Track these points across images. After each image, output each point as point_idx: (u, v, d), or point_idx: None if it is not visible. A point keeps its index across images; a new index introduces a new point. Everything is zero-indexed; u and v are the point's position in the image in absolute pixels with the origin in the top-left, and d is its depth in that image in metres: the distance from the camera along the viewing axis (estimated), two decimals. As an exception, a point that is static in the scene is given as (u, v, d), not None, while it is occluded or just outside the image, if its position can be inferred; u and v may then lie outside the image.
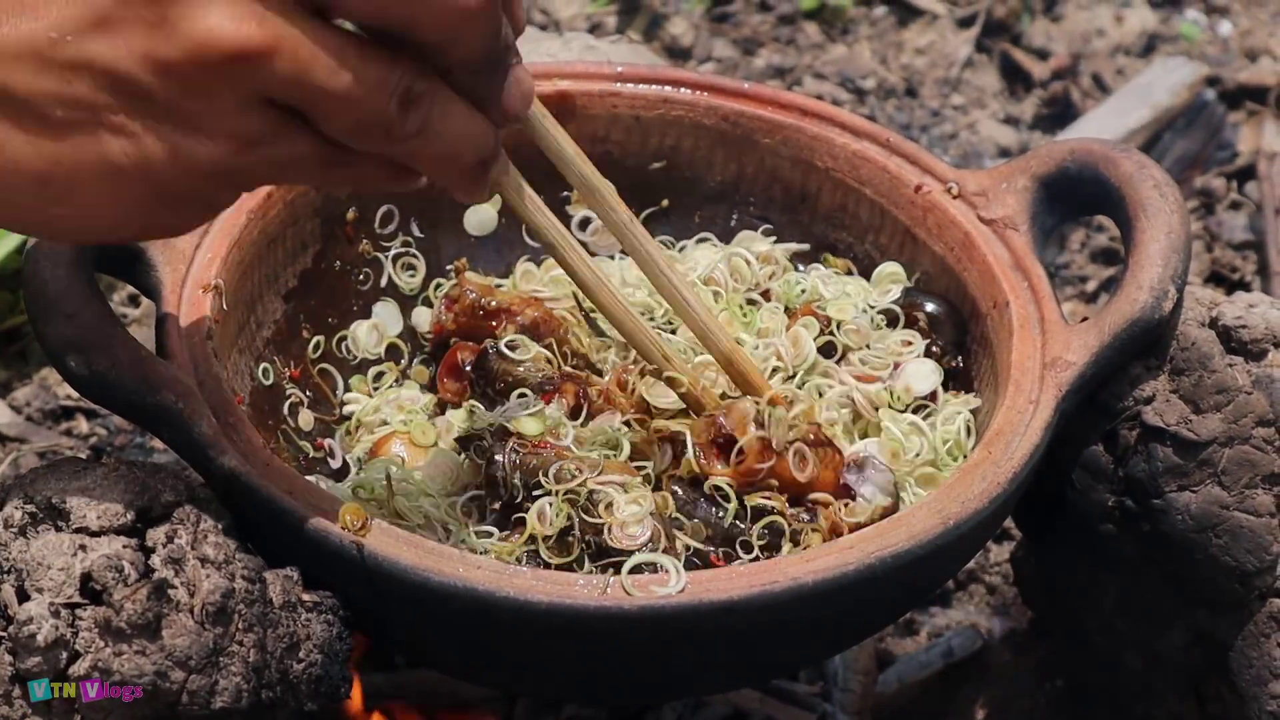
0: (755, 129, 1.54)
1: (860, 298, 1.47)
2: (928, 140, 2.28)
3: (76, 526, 1.14)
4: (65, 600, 1.09)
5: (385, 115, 0.99)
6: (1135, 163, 1.40)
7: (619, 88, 1.55)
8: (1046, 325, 1.35)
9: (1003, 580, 1.70)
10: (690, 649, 1.20)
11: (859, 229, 1.52)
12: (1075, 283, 2.13)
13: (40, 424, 1.83)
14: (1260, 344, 1.34)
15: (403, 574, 1.15)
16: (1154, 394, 1.35)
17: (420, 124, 1.01)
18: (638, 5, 2.46)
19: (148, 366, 1.21)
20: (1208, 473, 1.32)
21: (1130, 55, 2.45)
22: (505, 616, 1.14)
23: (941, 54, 2.45)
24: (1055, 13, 2.51)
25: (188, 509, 1.17)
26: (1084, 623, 1.46)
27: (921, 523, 1.20)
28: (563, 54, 1.71)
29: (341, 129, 0.99)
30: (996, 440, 1.27)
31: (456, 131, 1.03)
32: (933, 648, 1.64)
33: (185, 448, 1.22)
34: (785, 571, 1.16)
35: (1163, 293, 1.33)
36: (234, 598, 1.13)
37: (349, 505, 1.17)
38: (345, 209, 1.48)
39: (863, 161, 1.51)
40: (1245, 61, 2.44)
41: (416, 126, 1.00)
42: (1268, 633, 1.33)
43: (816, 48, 2.45)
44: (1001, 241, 1.42)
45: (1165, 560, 1.36)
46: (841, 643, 1.45)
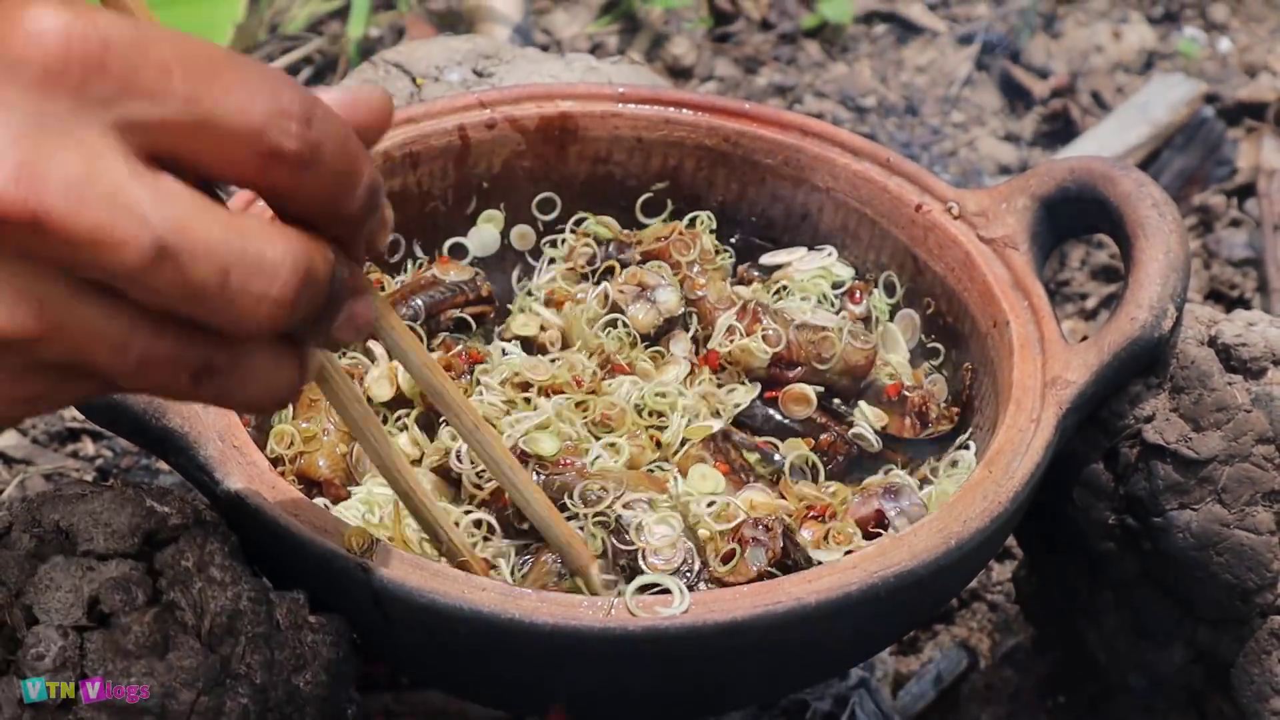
0: (756, 149, 1.55)
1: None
2: (928, 158, 2.29)
3: (83, 550, 1.14)
4: (73, 623, 1.10)
5: (175, 388, 0.92)
6: (1134, 181, 1.40)
7: (621, 109, 1.55)
8: (1047, 344, 1.35)
9: (1005, 599, 1.71)
10: (695, 669, 1.20)
11: (859, 249, 1.52)
12: (1076, 300, 2.13)
13: (46, 446, 1.83)
14: (1260, 362, 1.34)
15: (409, 596, 1.15)
16: (1154, 412, 1.35)
17: (216, 391, 0.93)
18: (639, 25, 2.47)
19: (154, 390, 1.22)
20: (1208, 490, 1.33)
21: (1129, 72, 2.46)
22: (511, 638, 1.15)
23: (941, 72, 2.45)
24: (1054, 30, 2.52)
25: (194, 532, 1.17)
26: (1086, 641, 1.47)
27: (923, 542, 1.21)
28: (565, 75, 1.71)
29: (128, 388, 0.93)
30: (997, 459, 1.27)
31: (255, 392, 0.94)
32: (923, 676, 1.64)
33: (191, 471, 1.23)
34: (788, 591, 1.17)
35: (1162, 311, 1.33)
36: (241, 620, 1.13)
37: (355, 528, 1.18)
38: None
39: (863, 181, 1.51)
40: (1244, 78, 2.45)
41: (212, 394, 0.93)
42: (1269, 650, 1.34)
43: (817, 66, 2.46)
44: (1001, 261, 1.43)
45: (1166, 578, 1.37)
46: (845, 661, 1.45)
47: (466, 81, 1.70)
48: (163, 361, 0.89)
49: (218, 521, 1.20)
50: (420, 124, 1.51)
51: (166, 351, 0.89)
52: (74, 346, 0.87)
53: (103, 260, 0.83)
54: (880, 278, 1.51)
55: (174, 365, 0.90)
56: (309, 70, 2.35)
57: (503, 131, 1.53)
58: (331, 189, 0.90)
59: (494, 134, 1.53)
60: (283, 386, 0.95)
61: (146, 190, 0.84)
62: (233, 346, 0.91)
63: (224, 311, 0.87)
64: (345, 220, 0.92)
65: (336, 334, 0.95)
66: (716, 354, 1.43)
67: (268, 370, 0.94)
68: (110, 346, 0.88)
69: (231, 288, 0.86)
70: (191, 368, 0.90)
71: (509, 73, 1.72)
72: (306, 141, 0.88)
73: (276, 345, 0.93)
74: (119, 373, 0.89)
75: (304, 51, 2.36)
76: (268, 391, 0.94)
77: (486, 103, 1.53)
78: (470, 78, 1.71)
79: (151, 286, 0.85)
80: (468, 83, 1.70)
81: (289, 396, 0.96)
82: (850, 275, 1.51)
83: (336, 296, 0.93)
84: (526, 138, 1.53)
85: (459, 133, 1.51)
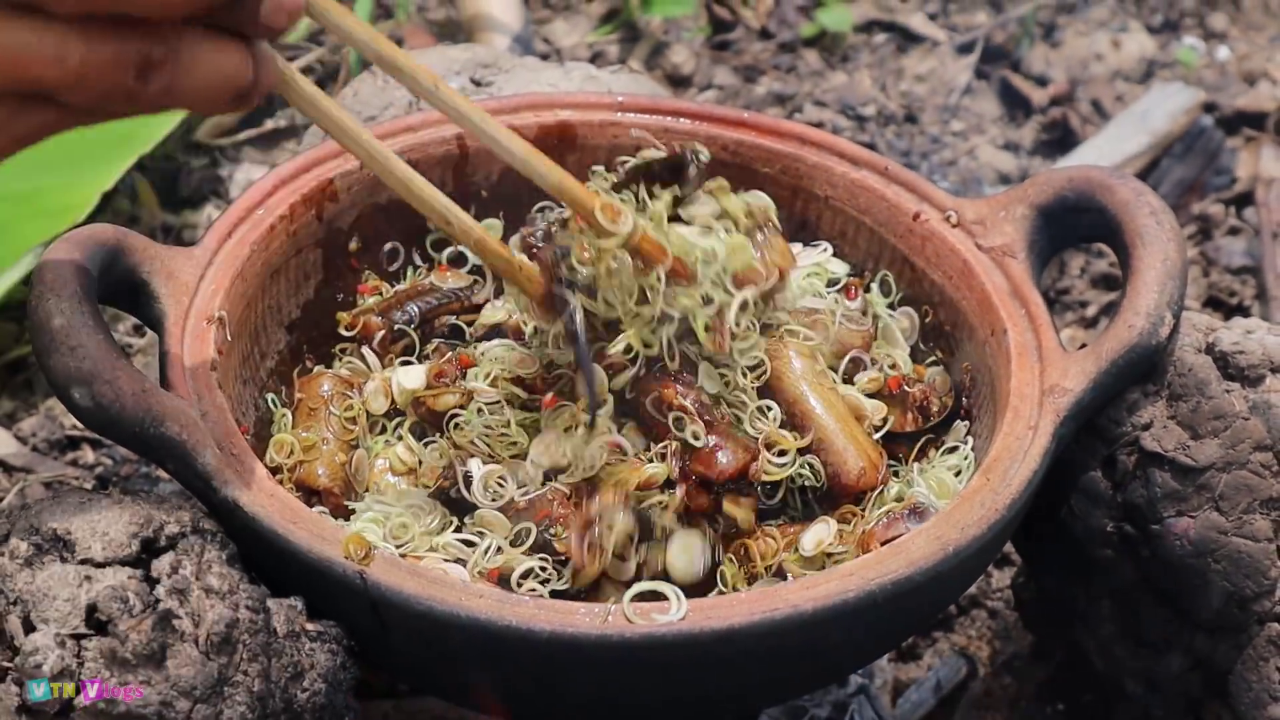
0: (755, 158, 1.55)
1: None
2: (928, 167, 2.29)
3: (82, 558, 1.14)
4: (71, 631, 1.10)
5: (124, 87, 0.96)
6: (1132, 190, 1.40)
7: (620, 117, 1.55)
8: (1044, 352, 1.36)
9: (1004, 605, 1.71)
10: (692, 676, 1.20)
11: (858, 256, 1.53)
12: (1075, 308, 2.13)
13: (46, 454, 1.83)
14: (1257, 369, 1.34)
15: (406, 603, 1.15)
16: (1152, 420, 1.35)
17: (164, 84, 0.97)
18: (639, 34, 2.47)
19: (152, 398, 1.22)
20: (1206, 498, 1.33)
21: (1129, 81, 2.46)
22: (508, 645, 1.15)
23: (941, 81, 2.46)
24: (1054, 39, 2.52)
25: (192, 539, 1.18)
26: (1084, 648, 1.47)
27: (921, 550, 1.21)
28: (564, 84, 1.72)
29: (84, 104, 0.97)
30: (995, 467, 1.28)
31: (205, 79, 0.99)
32: (922, 684, 1.64)
33: (189, 478, 1.23)
34: (786, 599, 1.17)
35: (1159, 319, 1.33)
36: (238, 627, 1.14)
37: (352, 535, 1.18)
38: (348, 240, 1.49)
39: (861, 190, 1.51)
40: (1243, 87, 2.45)
41: (161, 88, 0.97)
42: (1266, 657, 1.34)
43: (817, 75, 2.46)
44: (1000, 269, 1.43)
45: (1164, 585, 1.37)
46: (843, 668, 1.45)
47: (466, 90, 1.70)
48: (103, 64, 0.93)
49: (216, 529, 1.20)
50: (419, 133, 1.51)
51: (103, 53, 0.93)
52: (14, 66, 0.92)
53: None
54: (877, 276, 1.51)
55: (115, 66, 0.94)
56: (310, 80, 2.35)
57: (501, 140, 1.53)
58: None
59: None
60: (232, 74, 0.99)
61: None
62: (167, 37, 0.95)
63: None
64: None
65: (268, 18, 0.99)
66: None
67: (211, 58, 0.98)
68: (48, 60, 0.92)
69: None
70: (133, 65, 0.94)
71: (508, 82, 1.72)
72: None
73: (215, 36, 0.97)
74: (65, 85, 0.93)
75: (304, 61, 2.36)
76: (218, 80, 0.98)
77: (485, 111, 1.53)
78: (469, 87, 1.71)
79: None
80: (467, 91, 1.70)
81: (246, 87, 1.00)
82: (845, 271, 1.51)
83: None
84: (525, 146, 1.53)
85: (457, 142, 1.51)
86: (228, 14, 0.98)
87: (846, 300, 1.49)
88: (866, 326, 1.46)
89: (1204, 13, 2.58)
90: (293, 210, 1.43)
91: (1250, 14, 2.61)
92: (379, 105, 1.69)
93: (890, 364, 1.46)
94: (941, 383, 1.46)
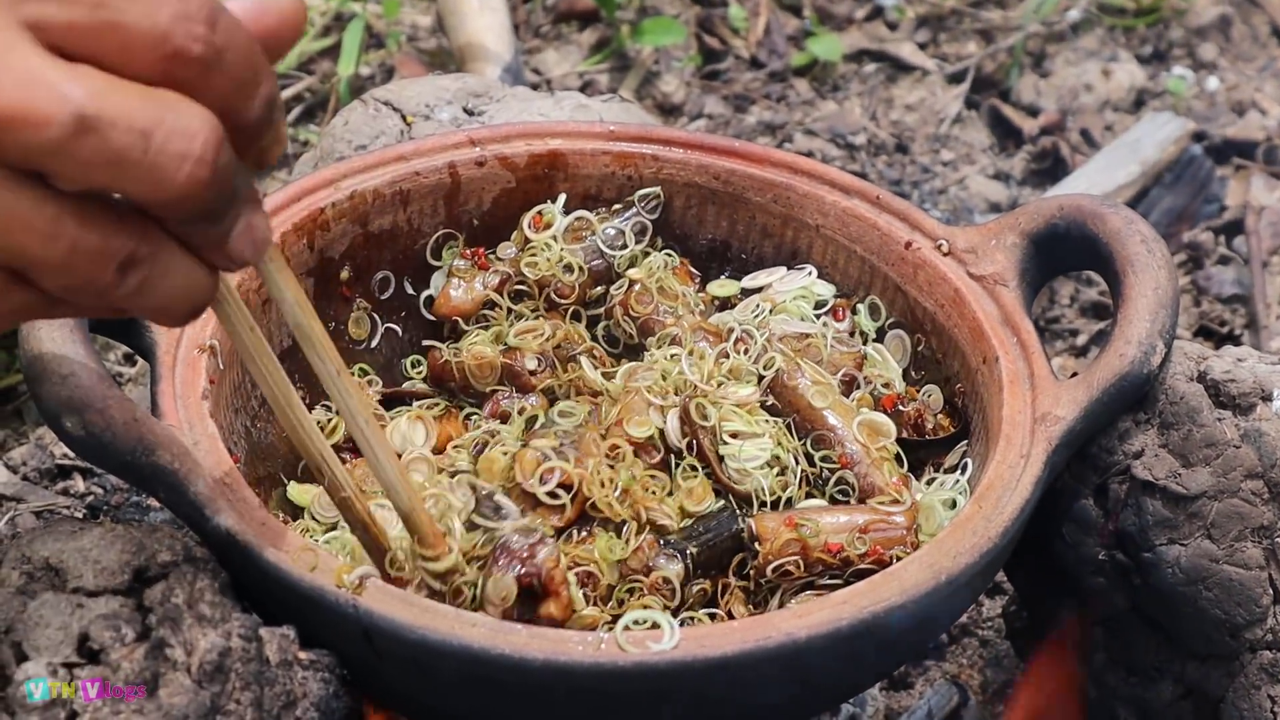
0: (746, 187, 1.55)
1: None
2: (918, 196, 2.29)
3: (73, 586, 1.14)
4: (63, 660, 1.10)
5: (102, 280, 0.95)
6: (1123, 218, 1.41)
7: (610, 146, 1.56)
8: (1036, 380, 1.36)
9: (995, 634, 1.71)
10: (685, 704, 1.20)
11: (849, 285, 1.53)
12: (1066, 336, 2.14)
13: (37, 483, 1.83)
14: (1248, 398, 1.35)
15: (399, 632, 1.15)
16: (1143, 448, 1.36)
17: (139, 283, 0.97)
18: (629, 63, 2.48)
19: (143, 426, 1.22)
20: (1197, 526, 1.33)
21: (1119, 111, 2.46)
22: (501, 674, 1.15)
23: (931, 110, 2.46)
24: (1044, 69, 2.53)
25: (184, 568, 1.17)
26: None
27: (913, 577, 1.21)
28: (554, 113, 1.72)
29: (56, 289, 0.96)
30: (987, 495, 1.28)
31: (173, 289, 0.99)
32: (914, 712, 1.64)
33: (181, 507, 1.23)
34: (779, 627, 1.17)
35: (1151, 348, 1.34)
36: (231, 656, 1.13)
37: (345, 564, 1.18)
38: (339, 269, 1.49)
39: (853, 219, 1.52)
40: (1232, 116, 2.46)
41: (133, 287, 0.97)
42: (1259, 685, 1.34)
43: (807, 104, 2.46)
44: (991, 298, 1.43)
45: (1156, 613, 1.37)
46: (836, 697, 1.45)
47: (457, 119, 1.71)
48: (90, 250, 0.93)
49: (207, 558, 1.20)
50: (410, 161, 1.51)
51: (94, 240, 0.93)
52: (8, 237, 0.91)
53: (25, 138, 0.88)
54: (866, 299, 1.52)
55: (101, 255, 0.94)
56: (300, 108, 2.36)
57: (493, 169, 1.53)
58: (232, 94, 0.94)
59: (484, 171, 1.53)
60: (198, 287, 1.00)
61: (61, 71, 0.89)
62: (152, 237, 0.95)
63: (148, 176, 0.91)
64: (243, 128, 0.95)
65: (234, 244, 0.99)
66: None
67: (185, 268, 0.98)
68: (41, 235, 0.92)
69: (153, 149, 0.90)
70: (118, 257, 0.94)
71: (499, 111, 1.72)
72: (210, 45, 0.92)
73: (189, 252, 0.98)
74: (48, 265, 0.93)
75: (295, 90, 2.37)
76: (185, 289, 0.99)
77: (476, 140, 1.53)
78: (461, 116, 1.72)
79: (76, 158, 0.89)
80: (458, 121, 1.70)
81: (203, 300, 1.01)
82: (831, 293, 1.51)
83: (237, 193, 0.97)
84: (516, 175, 1.54)
85: (449, 170, 1.52)
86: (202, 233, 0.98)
87: (835, 321, 1.49)
88: (856, 347, 1.47)
89: (1193, 43, 2.59)
90: (284, 239, 1.43)
91: (1239, 44, 2.61)
92: (370, 134, 1.69)
93: (884, 383, 1.46)
94: (935, 401, 1.47)
